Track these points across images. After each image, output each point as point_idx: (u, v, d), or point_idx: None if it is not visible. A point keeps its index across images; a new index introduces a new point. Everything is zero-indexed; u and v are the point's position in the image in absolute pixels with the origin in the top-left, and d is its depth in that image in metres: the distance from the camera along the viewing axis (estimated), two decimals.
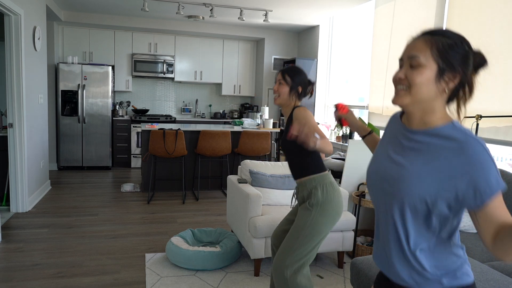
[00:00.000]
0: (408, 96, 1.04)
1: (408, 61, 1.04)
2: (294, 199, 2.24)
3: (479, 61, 1.03)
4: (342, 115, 1.54)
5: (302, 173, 2.14)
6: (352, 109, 1.25)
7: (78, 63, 6.40)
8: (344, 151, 5.27)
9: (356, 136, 5.22)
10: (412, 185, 1.01)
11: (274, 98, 2.19)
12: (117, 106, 7.10)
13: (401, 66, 1.07)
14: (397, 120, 1.19)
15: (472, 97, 1.04)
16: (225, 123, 7.37)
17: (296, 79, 2.15)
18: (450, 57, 0.99)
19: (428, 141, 1.03)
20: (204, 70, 7.44)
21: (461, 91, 1.03)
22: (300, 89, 2.16)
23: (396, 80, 1.06)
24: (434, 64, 1.00)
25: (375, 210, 1.18)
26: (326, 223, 2.06)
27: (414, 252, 1.07)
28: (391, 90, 4.51)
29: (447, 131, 1.01)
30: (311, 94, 2.26)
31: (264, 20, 5.88)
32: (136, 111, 7.12)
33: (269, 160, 5.62)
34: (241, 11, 5.59)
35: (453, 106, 1.07)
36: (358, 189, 3.55)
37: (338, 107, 1.54)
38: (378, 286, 1.25)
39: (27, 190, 4.34)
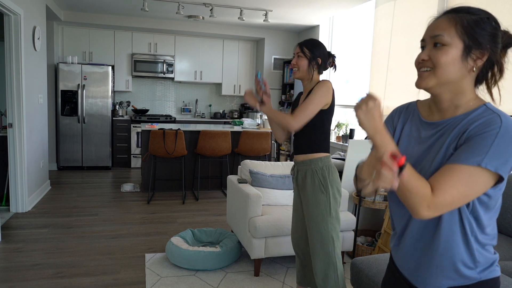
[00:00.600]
0: (433, 78, 0.97)
1: (431, 41, 0.98)
2: (293, 178, 2.21)
3: (507, 40, 0.97)
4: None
5: (309, 149, 2.10)
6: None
7: (78, 63, 6.40)
8: (344, 151, 5.27)
9: (356, 135, 5.21)
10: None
11: (294, 72, 2.13)
12: (117, 106, 7.10)
13: (423, 47, 1.01)
14: (413, 113, 1.12)
15: (503, 77, 0.99)
16: (225, 123, 7.37)
17: (315, 50, 2.09)
18: (477, 34, 0.93)
19: (464, 123, 0.97)
20: (204, 70, 7.44)
21: (490, 72, 0.98)
22: (319, 61, 2.10)
23: (419, 62, 1.00)
24: (460, 42, 0.94)
25: (398, 216, 1.11)
26: (336, 204, 2.11)
27: (483, 244, 1.01)
28: (391, 90, 4.51)
29: (481, 114, 0.95)
30: (333, 66, 2.19)
31: (264, 20, 5.87)
32: (136, 111, 7.12)
33: (269, 160, 5.62)
34: (241, 11, 5.59)
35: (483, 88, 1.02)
36: None
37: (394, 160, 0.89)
38: None
39: (27, 190, 4.34)
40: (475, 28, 0.93)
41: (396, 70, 4.43)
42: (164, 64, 7.10)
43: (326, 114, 2.09)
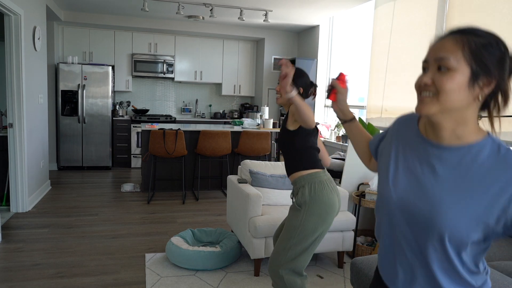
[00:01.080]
0: (436, 104, 0.89)
1: (436, 63, 0.89)
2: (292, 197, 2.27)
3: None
4: (336, 86, 1.21)
5: (293, 169, 2.14)
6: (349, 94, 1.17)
7: (78, 63, 6.40)
8: (344, 151, 5.27)
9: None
10: (458, 219, 0.88)
11: (276, 98, 2.20)
12: (117, 106, 7.10)
13: (424, 68, 0.93)
14: (411, 128, 1.05)
15: (507, 106, 0.90)
16: (225, 123, 7.37)
17: (298, 81, 2.18)
18: (485, 59, 0.85)
19: (468, 162, 0.90)
20: (204, 70, 7.44)
21: (492, 100, 0.90)
22: (301, 90, 2.20)
23: (421, 86, 0.91)
24: (467, 67, 0.86)
25: (389, 237, 1.03)
26: (317, 223, 2.03)
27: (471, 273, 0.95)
28: (390, 91, 4.51)
29: (487, 147, 0.90)
30: (314, 95, 2.28)
31: (264, 20, 5.88)
32: (136, 111, 7.12)
33: (269, 160, 5.62)
34: (241, 11, 5.59)
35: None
36: (358, 189, 3.55)
37: (339, 77, 1.24)
38: None
39: (27, 190, 4.34)
40: (484, 53, 0.85)
41: (395, 70, 4.43)
42: (164, 64, 7.10)
43: (307, 134, 2.10)
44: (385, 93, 4.61)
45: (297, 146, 2.11)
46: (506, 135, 3.17)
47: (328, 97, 1.20)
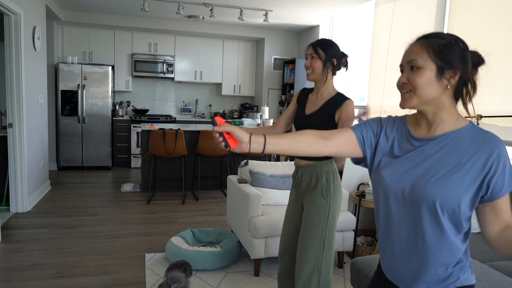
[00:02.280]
0: (415, 98, 1.08)
1: (408, 65, 1.09)
2: (296, 183, 2.15)
3: (477, 60, 1.08)
4: (225, 129, 1.12)
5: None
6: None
7: (78, 63, 6.40)
8: None
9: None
10: (452, 189, 1.05)
11: (307, 74, 2.06)
12: (117, 106, 7.10)
13: (402, 71, 1.12)
14: (403, 127, 1.20)
15: (476, 93, 1.10)
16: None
17: (329, 51, 2.02)
18: (447, 56, 1.04)
19: (455, 143, 1.09)
20: (204, 70, 7.44)
21: (464, 89, 1.09)
22: (335, 62, 2.04)
23: (400, 85, 1.11)
24: (433, 64, 1.05)
25: (393, 225, 1.17)
26: (339, 209, 2.08)
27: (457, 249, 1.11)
28: (390, 91, 4.51)
29: (470, 131, 1.08)
30: (346, 66, 2.12)
31: (264, 20, 5.87)
32: (136, 111, 7.12)
33: (269, 160, 5.62)
34: (241, 11, 5.59)
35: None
36: (358, 189, 3.55)
37: (215, 122, 1.14)
38: None
39: (27, 190, 4.34)
40: (445, 51, 1.05)
41: (395, 70, 4.43)
42: (164, 64, 7.10)
43: (336, 126, 2.06)
44: (385, 93, 4.61)
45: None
46: (507, 135, 3.17)
47: (229, 148, 1.12)
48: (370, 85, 4.90)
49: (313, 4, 5.32)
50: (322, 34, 6.43)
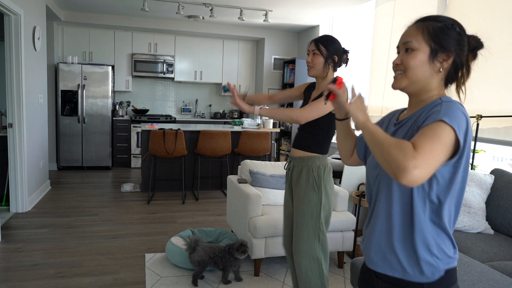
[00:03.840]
0: (405, 79, 1.10)
1: (403, 47, 1.10)
2: (287, 173, 2.26)
3: (475, 44, 1.07)
4: (334, 89, 1.25)
5: (309, 148, 2.10)
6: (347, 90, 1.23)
7: (78, 63, 6.40)
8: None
9: (356, 135, 5.21)
10: None
11: (308, 70, 2.10)
12: (117, 106, 7.10)
13: (398, 53, 1.14)
14: (393, 116, 1.25)
15: (469, 77, 1.10)
16: (225, 123, 7.37)
17: (330, 48, 2.05)
18: (441, 39, 1.05)
19: (416, 115, 1.10)
20: (204, 70, 7.44)
21: (459, 72, 1.09)
22: (336, 58, 2.07)
23: (394, 66, 1.13)
24: (426, 46, 1.06)
25: (372, 200, 1.19)
26: (331, 203, 2.14)
27: (422, 229, 1.06)
28: (390, 90, 4.51)
29: (433, 104, 1.07)
30: (346, 63, 2.18)
31: (264, 20, 5.87)
32: (136, 111, 7.12)
33: (269, 160, 5.62)
34: (241, 11, 5.59)
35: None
36: (358, 189, 3.55)
37: (336, 81, 1.29)
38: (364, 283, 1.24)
39: (27, 190, 4.34)
40: (440, 34, 1.05)
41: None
42: (164, 64, 7.10)
43: (334, 118, 2.09)
44: (385, 93, 4.61)
45: (332, 130, 2.11)
46: (507, 135, 3.17)
47: (327, 99, 1.26)
48: (371, 85, 4.90)
49: (313, 4, 5.32)
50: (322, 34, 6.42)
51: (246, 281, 2.88)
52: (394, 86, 1.13)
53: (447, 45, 1.05)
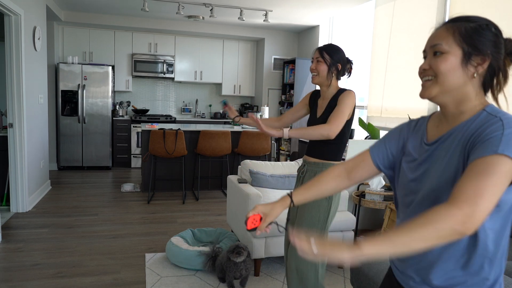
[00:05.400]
0: (436, 86, 0.98)
1: (431, 50, 0.99)
2: (300, 177, 2.25)
3: (511, 47, 0.96)
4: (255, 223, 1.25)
5: (323, 156, 2.11)
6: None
7: (78, 63, 6.40)
8: (345, 150, 5.27)
9: (356, 135, 5.21)
10: (438, 181, 0.96)
11: (312, 77, 2.13)
12: (117, 106, 7.10)
13: (425, 57, 1.02)
14: (419, 130, 1.10)
15: (507, 83, 0.98)
16: (225, 123, 7.37)
17: (334, 56, 2.08)
18: (475, 40, 0.94)
19: (466, 130, 0.96)
20: (204, 70, 7.44)
21: (495, 79, 0.97)
22: (339, 67, 2.10)
23: (421, 72, 1.01)
24: (458, 49, 0.95)
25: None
26: (334, 213, 2.12)
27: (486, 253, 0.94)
28: (390, 91, 4.51)
29: (478, 118, 0.94)
30: (350, 72, 2.20)
31: (264, 20, 5.88)
32: (136, 111, 7.12)
33: (269, 160, 5.62)
34: (241, 11, 5.59)
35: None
36: (358, 189, 3.55)
37: (247, 220, 1.25)
38: None
39: (27, 190, 4.34)
40: (473, 35, 0.94)
41: (395, 70, 4.43)
42: (164, 64, 7.10)
43: (347, 125, 2.10)
44: (385, 93, 4.61)
45: (345, 137, 2.11)
46: None
47: (251, 230, 1.24)
48: (370, 85, 4.90)
49: (313, 4, 5.32)
50: (322, 34, 6.43)
51: None
52: (423, 95, 1.00)
53: (482, 47, 0.93)
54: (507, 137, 0.85)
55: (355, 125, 5.34)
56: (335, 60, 2.08)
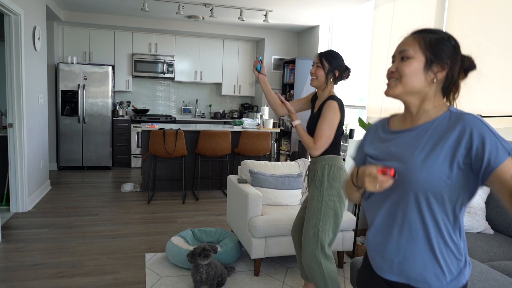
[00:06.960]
0: (399, 86, 1.11)
1: (399, 55, 1.12)
2: (305, 178, 2.44)
3: (468, 64, 1.10)
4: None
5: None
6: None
7: (78, 63, 6.40)
8: (344, 151, 5.27)
9: (356, 135, 5.22)
10: (431, 172, 1.04)
11: (311, 80, 2.26)
12: (117, 106, 7.10)
13: (393, 62, 1.16)
14: (382, 127, 1.25)
15: (459, 95, 1.12)
16: (225, 123, 7.37)
17: (333, 63, 2.21)
18: (437, 50, 1.07)
19: (433, 129, 1.09)
20: (204, 70, 7.44)
21: (453, 87, 1.11)
22: (337, 73, 2.23)
23: (389, 74, 1.14)
24: (422, 56, 1.08)
25: (376, 213, 1.18)
26: (335, 201, 2.21)
27: (446, 242, 1.08)
28: None
29: (445, 117, 1.08)
30: (346, 79, 2.35)
31: (264, 20, 5.88)
32: (136, 111, 7.12)
33: (269, 160, 5.62)
34: (241, 11, 5.59)
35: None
36: None
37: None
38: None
39: (27, 190, 4.34)
40: (436, 45, 1.08)
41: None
42: (164, 64, 7.10)
43: (338, 127, 2.26)
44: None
45: (335, 138, 2.26)
46: (507, 135, 3.17)
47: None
48: (370, 85, 4.90)
49: (313, 4, 5.32)
50: (322, 34, 6.43)
51: (246, 281, 2.88)
52: (388, 93, 1.14)
53: (442, 56, 1.07)
54: (495, 137, 0.98)
55: (355, 125, 5.34)
56: (333, 66, 2.21)
